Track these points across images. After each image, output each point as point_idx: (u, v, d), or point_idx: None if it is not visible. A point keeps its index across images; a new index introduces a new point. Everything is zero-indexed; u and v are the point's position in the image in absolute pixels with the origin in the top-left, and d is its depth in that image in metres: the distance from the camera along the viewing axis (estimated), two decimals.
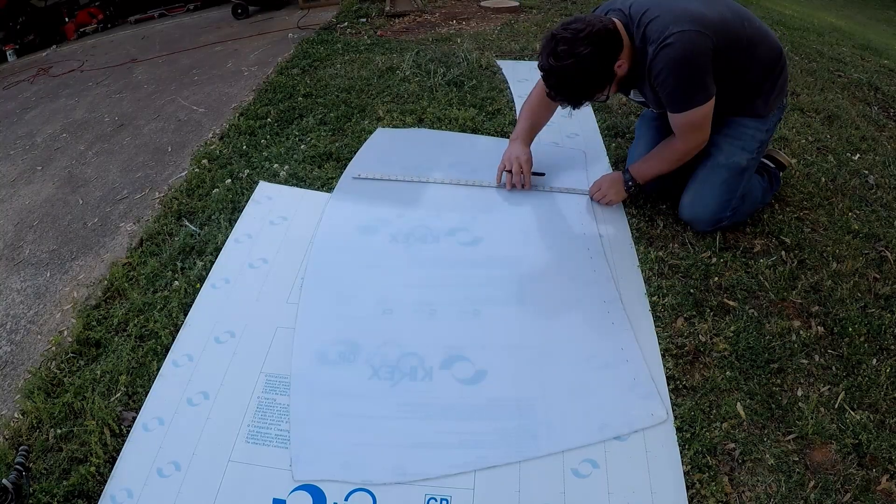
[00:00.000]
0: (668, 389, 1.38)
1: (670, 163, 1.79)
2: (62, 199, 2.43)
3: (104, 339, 1.62)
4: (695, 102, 1.61)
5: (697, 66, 1.56)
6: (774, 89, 1.74)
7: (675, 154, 1.76)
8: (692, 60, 1.55)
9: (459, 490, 1.23)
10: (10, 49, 5.06)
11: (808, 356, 1.45)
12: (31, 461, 1.33)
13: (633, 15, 1.62)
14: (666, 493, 1.20)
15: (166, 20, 5.52)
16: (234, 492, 1.25)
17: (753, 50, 1.66)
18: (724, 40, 1.58)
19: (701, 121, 1.66)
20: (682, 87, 1.59)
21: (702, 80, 1.59)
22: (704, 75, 1.58)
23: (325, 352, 1.52)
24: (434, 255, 1.80)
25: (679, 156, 1.76)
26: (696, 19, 1.55)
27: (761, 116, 1.74)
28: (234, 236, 1.90)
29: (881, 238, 1.82)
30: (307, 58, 3.31)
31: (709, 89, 1.60)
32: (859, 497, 1.17)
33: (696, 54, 1.55)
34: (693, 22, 1.54)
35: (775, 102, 1.76)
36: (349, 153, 2.28)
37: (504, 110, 2.55)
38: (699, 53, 1.55)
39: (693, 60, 1.55)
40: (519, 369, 1.46)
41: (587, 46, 1.54)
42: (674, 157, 1.77)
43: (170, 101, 3.22)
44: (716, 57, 1.57)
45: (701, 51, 1.55)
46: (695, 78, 1.58)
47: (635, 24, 1.61)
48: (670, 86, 1.59)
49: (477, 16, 4.05)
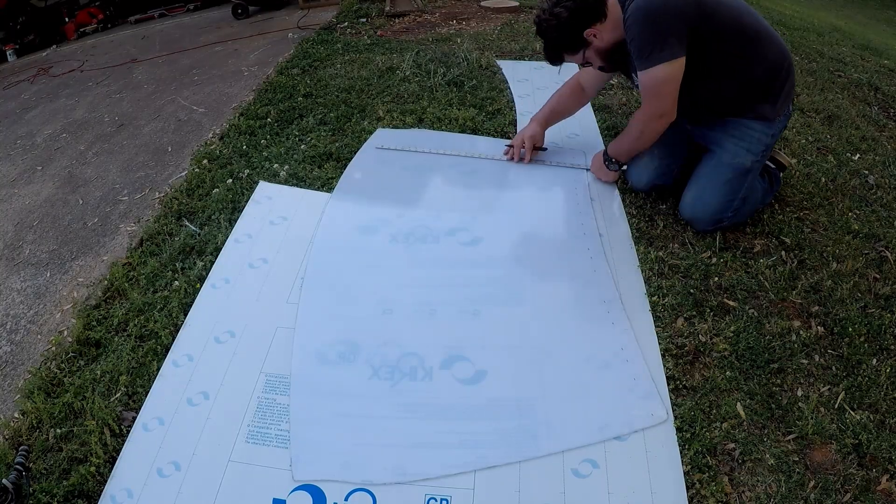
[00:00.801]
0: (668, 389, 1.38)
1: (637, 134, 1.80)
2: (62, 199, 2.43)
3: (104, 339, 1.62)
4: (655, 59, 1.59)
5: (662, 20, 1.56)
6: (781, 94, 1.73)
7: (638, 123, 1.78)
8: (658, 13, 1.55)
9: (459, 490, 1.23)
10: (10, 49, 5.07)
11: (808, 356, 1.45)
12: (31, 461, 1.33)
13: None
14: (666, 493, 1.20)
15: (166, 20, 5.52)
16: (234, 492, 1.25)
17: (760, 45, 1.67)
18: (716, 21, 1.58)
19: (661, 84, 1.64)
20: (644, 38, 1.58)
21: (665, 36, 1.57)
22: (669, 33, 1.56)
23: (325, 352, 1.52)
24: (434, 255, 1.80)
25: (642, 124, 1.77)
26: None
27: (768, 120, 1.73)
28: (234, 236, 1.90)
29: (881, 238, 1.81)
30: (307, 58, 3.31)
31: (673, 49, 1.57)
32: (859, 497, 1.17)
33: (664, 9, 1.55)
34: None
35: (782, 108, 1.75)
36: (349, 153, 2.28)
37: (504, 110, 2.55)
38: (668, 9, 1.55)
39: (658, 13, 1.55)
40: (519, 369, 1.46)
41: (565, 9, 1.67)
42: (637, 126, 1.79)
43: (170, 101, 3.22)
44: (700, 31, 1.56)
45: (670, 7, 1.55)
46: (658, 32, 1.57)
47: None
48: (635, 38, 1.60)
49: (477, 16, 4.05)
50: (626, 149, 1.90)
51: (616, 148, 1.93)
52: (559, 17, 1.68)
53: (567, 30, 1.69)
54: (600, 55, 1.75)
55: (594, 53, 1.75)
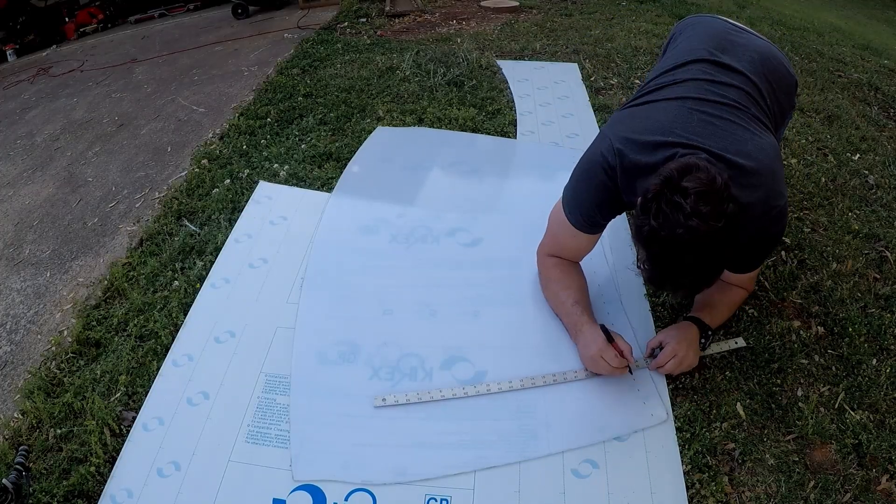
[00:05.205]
0: (667, 389, 1.38)
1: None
2: (62, 199, 2.43)
3: (104, 339, 1.62)
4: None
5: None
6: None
7: (735, 306, 1.53)
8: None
9: (459, 490, 1.23)
10: (10, 49, 5.06)
11: (808, 356, 1.45)
12: (31, 461, 1.33)
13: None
14: (666, 493, 1.20)
15: (166, 20, 5.51)
16: (234, 492, 1.25)
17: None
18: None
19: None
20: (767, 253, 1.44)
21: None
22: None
23: (325, 352, 1.52)
24: (434, 256, 1.80)
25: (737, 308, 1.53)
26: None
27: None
28: (233, 236, 1.90)
29: (881, 238, 1.81)
30: (307, 58, 3.31)
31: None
32: (859, 497, 1.17)
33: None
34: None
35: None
36: (349, 153, 2.28)
37: (504, 110, 2.55)
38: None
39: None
40: (519, 370, 1.46)
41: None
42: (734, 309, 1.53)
43: (170, 101, 3.22)
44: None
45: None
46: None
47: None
48: (763, 254, 1.42)
49: (477, 16, 4.05)
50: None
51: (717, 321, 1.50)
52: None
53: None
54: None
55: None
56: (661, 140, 1.24)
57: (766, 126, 1.33)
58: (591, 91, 2.70)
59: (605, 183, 1.33)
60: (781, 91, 1.45)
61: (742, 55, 1.41)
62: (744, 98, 1.33)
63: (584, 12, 3.91)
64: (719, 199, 1.07)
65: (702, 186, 1.07)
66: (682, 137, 1.23)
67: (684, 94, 1.32)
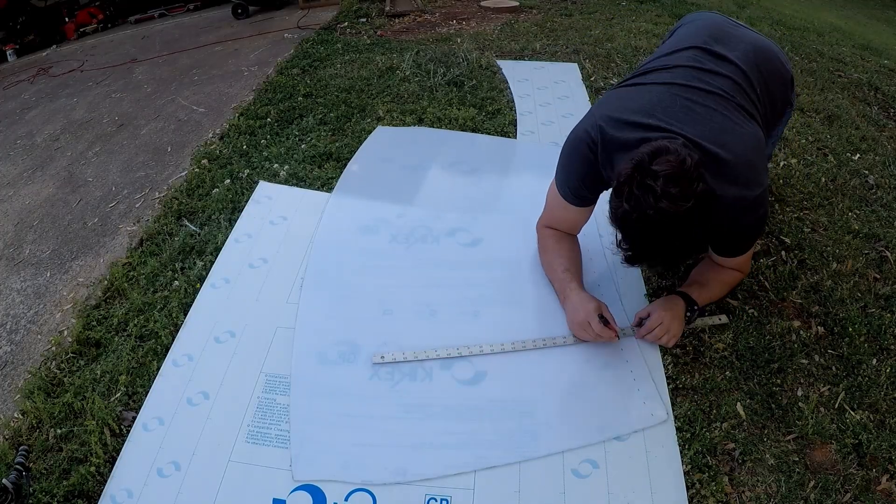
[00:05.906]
0: (668, 389, 1.38)
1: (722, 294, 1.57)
2: (62, 199, 2.43)
3: (104, 339, 1.62)
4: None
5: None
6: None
7: (728, 286, 1.56)
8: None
9: (459, 490, 1.23)
10: (10, 49, 5.06)
11: (808, 356, 1.45)
12: (31, 461, 1.33)
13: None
14: (666, 493, 1.20)
15: (166, 20, 5.51)
16: (234, 492, 1.25)
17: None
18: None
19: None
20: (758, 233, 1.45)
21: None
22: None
23: (325, 352, 1.52)
24: (434, 256, 1.80)
25: (729, 288, 1.56)
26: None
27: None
28: (234, 236, 1.90)
29: (881, 238, 1.81)
30: (307, 58, 3.31)
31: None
32: (859, 497, 1.17)
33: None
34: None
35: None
36: (349, 153, 2.28)
37: (504, 110, 2.55)
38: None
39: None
40: (519, 370, 1.46)
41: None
42: (727, 289, 1.56)
43: (170, 101, 3.22)
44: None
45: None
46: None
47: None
48: (748, 232, 1.41)
49: (477, 16, 4.05)
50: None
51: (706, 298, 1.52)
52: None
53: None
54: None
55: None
56: (641, 121, 1.28)
57: (750, 116, 1.35)
58: (591, 91, 2.70)
59: (587, 157, 1.38)
60: (774, 83, 1.47)
61: (736, 45, 1.44)
62: (730, 87, 1.35)
63: (584, 12, 3.91)
64: (688, 179, 1.10)
65: (671, 169, 1.10)
66: (663, 121, 1.26)
67: (671, 79, 1.36)
